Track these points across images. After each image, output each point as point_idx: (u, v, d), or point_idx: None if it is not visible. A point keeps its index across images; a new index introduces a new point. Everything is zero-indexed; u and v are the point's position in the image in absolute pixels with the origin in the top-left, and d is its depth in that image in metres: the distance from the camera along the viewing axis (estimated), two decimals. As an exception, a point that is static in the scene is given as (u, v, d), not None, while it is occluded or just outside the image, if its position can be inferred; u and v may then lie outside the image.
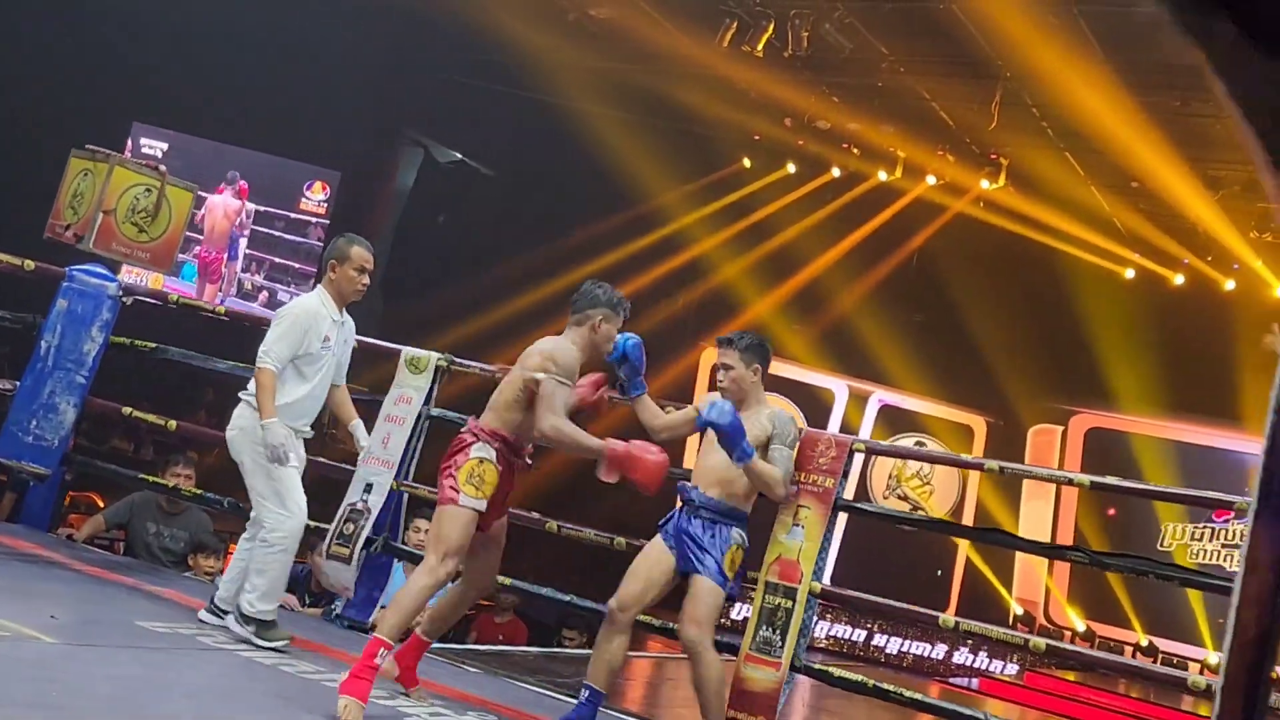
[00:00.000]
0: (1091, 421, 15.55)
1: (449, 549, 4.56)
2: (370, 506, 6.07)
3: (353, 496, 6.18)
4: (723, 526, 4.89)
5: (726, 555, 4.84)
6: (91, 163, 6.95)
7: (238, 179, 15.85)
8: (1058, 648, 5.58)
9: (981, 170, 13.80)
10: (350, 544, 6.04)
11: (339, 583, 6.11)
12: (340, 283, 5.41)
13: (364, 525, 6.07)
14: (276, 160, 15.84)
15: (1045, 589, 15.37)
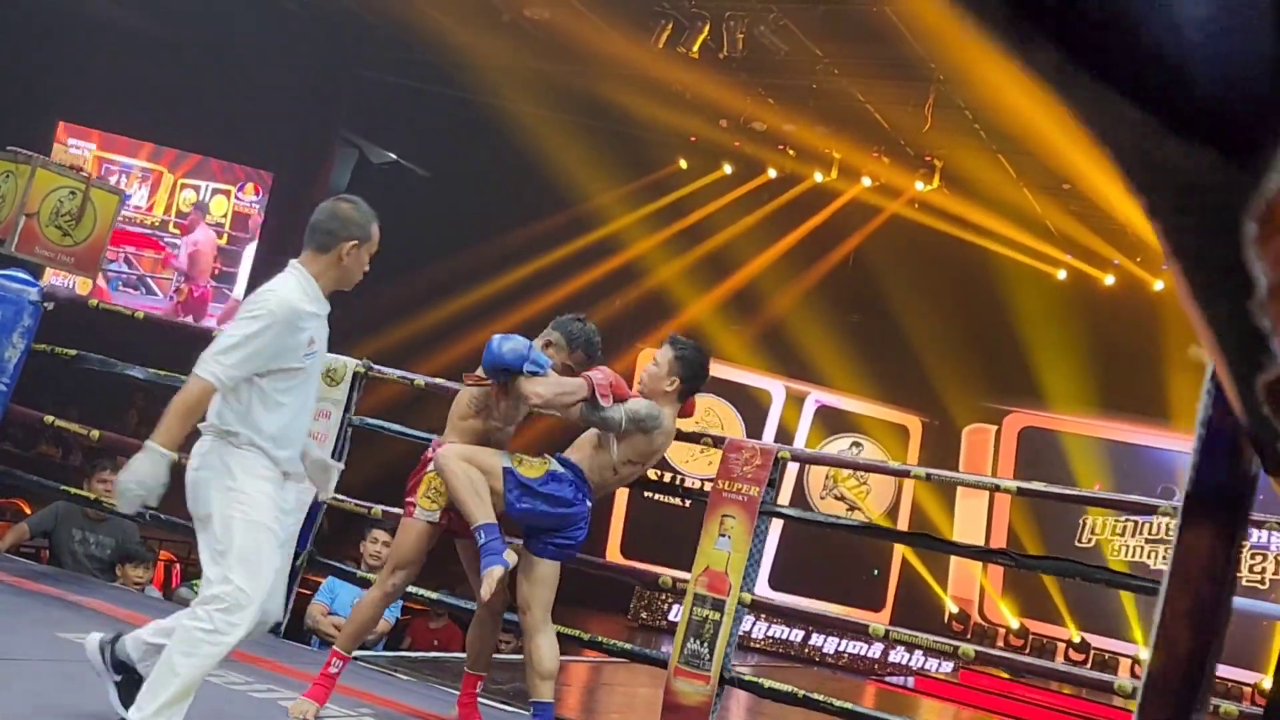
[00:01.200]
0: (1025, 421, 15.72)
1: (398, 561, 4.77)
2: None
3: None
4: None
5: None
6: (13, 164, 6.81)
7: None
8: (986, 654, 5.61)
9: (916, 172, 13.90)
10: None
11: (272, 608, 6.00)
12: (350, 267, 4.14)
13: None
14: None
15: (980, 587, 15.50)
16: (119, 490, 3.67)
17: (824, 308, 15.46)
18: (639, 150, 15.14)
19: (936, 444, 15.41)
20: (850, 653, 14.44)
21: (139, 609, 5.89)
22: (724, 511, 5.37)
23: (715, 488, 5.44)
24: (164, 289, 15.64)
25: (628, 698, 7.98)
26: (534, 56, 13.23)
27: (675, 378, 4.84)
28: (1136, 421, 14.85)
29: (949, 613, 15.29)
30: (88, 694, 4.23)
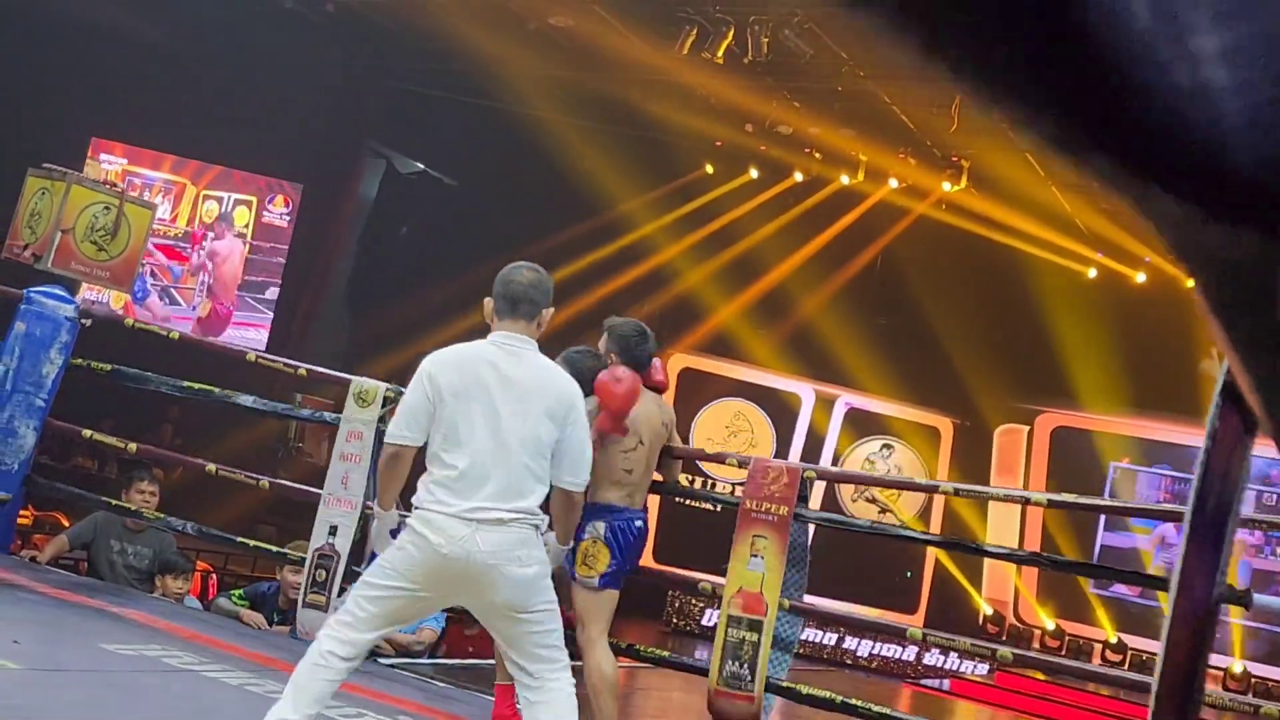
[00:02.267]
0: (1057, 420, 15.64)
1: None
2: (338, 550, 5.98)
3: (318, 541, 6.10)
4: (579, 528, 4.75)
5: (577, 554, 4.84)
6: (49, 181, 6.89)
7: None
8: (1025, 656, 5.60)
9: (943, 173, 13.87)
10: (325, 591, 5.96)
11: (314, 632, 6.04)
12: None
13: (336, 570, 6.00)
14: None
15: (1014, 589, 15.43)
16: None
17: (853, 310, 15.43)
18: (665, 156, 15.16)
19: (968, 445, 15.34)
20: (884, 656, 14.40)
21: (180, 620, 5.95)
22: (755, 532, 5.35)
23: (744, 508, 5.44)
24: (188, 299, 15.76)
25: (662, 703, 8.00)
26: (559, 64, 13.27)
27: (612, 354, 5.02)
28: (1170, 419, 14.76)
29: (983, 615, 15.22)
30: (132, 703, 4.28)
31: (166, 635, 5.57)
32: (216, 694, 4.69)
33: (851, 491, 15.84)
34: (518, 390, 3.72)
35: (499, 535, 3.62)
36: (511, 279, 3.96)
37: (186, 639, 5.50)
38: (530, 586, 3.68)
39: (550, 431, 3.72)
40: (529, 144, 14.16)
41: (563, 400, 3.77)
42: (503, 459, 3.66)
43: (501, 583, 3.62)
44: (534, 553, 3.69)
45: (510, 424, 3.68)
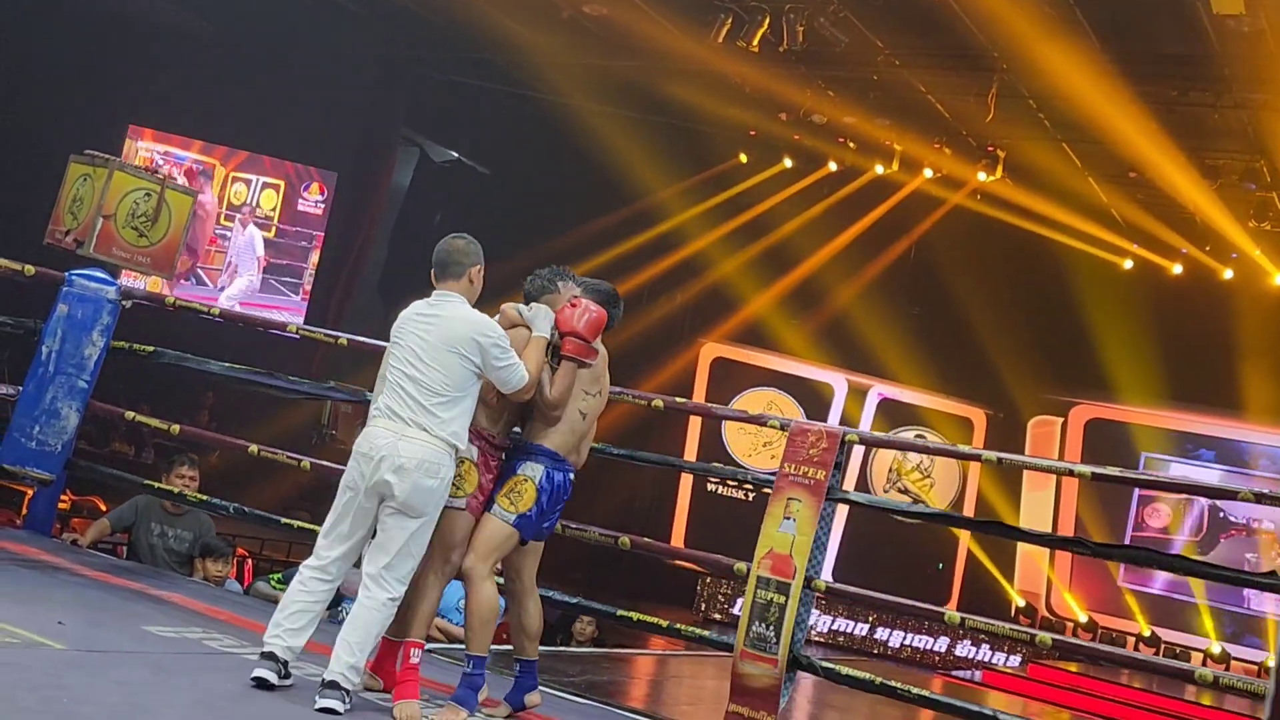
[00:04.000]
0: (1091, 412, 15.56)
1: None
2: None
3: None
4: (516, 462, 4.78)
5: (505, 485, 4.73)
6: (90, 168, 6.94)
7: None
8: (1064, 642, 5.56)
9: (978, 163, 13.81)
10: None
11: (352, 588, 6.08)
12: (472, 296, 4.84)
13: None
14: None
15: (1047, 580, 15.38)
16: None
17: (886, 300, 15.39)
18: (699, 145, 15.14)
19: (1001, 437, 15.28)
20: (915, 646, 14.39)
21: (220, 603, 5.99)
22: (790, 495, 5.35)
23: (781, 471, 5.42)
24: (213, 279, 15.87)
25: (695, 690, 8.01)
26: (593, 53, 13.26)
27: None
28: (1206, 411, 14.67)
29: (1016, 606, 15.18)
30: (175, 684, 4.32)
31: (207, 618, 5.62)
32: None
33: (884, 482, 15.82)
34: (436, 332, 4.60)
35: (414, 449, 4.47)
36: (441, 247, 4.82)
37: (226, 622, 5.54)
38: (428, 495, 4.47)
39: (463, 362, 4.55)
40: (563, 133, 14.16)
41: (469, 336, 4.57)
42: (416, 389, 4.54)
43: (405, 485, 4.44)
44: (442, 469, 4.49)
45: (426, 360, 4.56)
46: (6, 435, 6.73)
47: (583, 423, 4.82)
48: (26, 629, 4.56)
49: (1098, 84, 10.97)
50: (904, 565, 14.25)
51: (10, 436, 6.72)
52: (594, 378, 4.86)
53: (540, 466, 4.73)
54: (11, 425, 6.73)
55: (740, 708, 5.29)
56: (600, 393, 4.90)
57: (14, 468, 6.78)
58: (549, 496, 4.73)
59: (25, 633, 4.51)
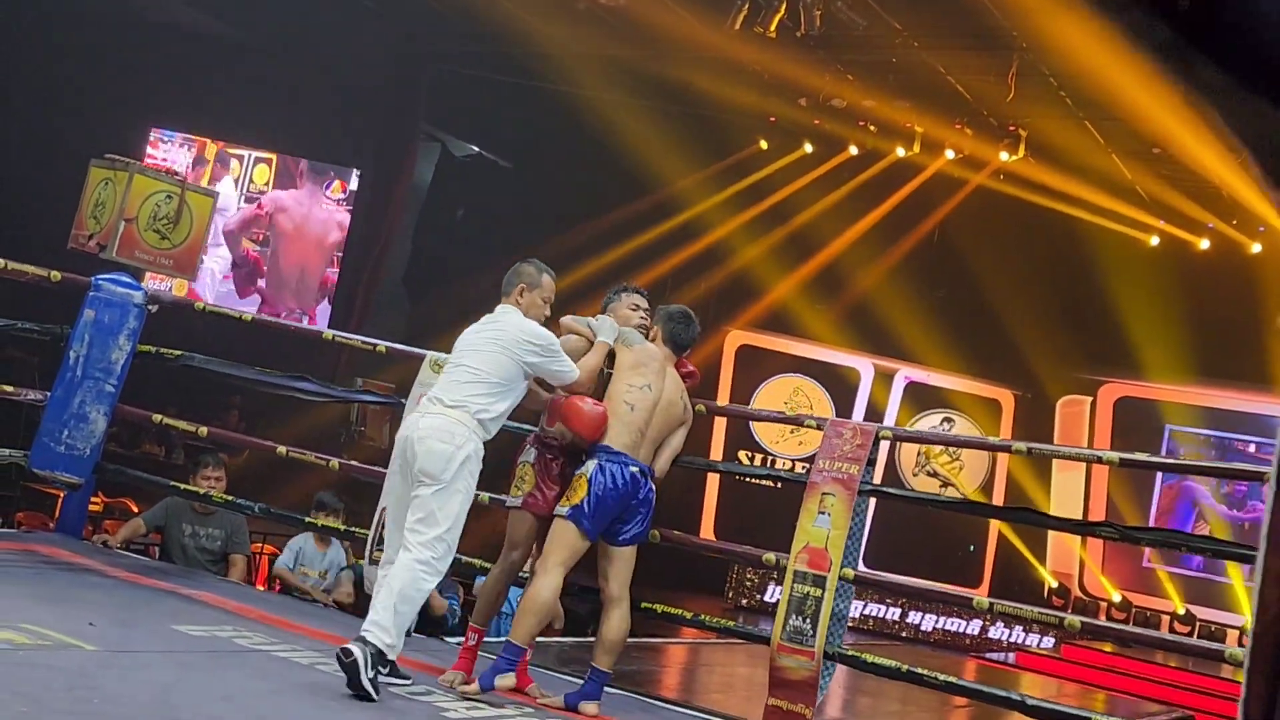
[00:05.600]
0: (1120, 391, 15.46)
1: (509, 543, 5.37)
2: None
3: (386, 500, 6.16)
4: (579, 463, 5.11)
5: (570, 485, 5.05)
6: (111, 171, 6.98)
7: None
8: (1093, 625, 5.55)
9: (1000, 142, 13.73)
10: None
11: None
12: (527, 309, 5.21)
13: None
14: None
15: (1079, 561, 15.31)
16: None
17: (910, 283, 15.33)
18: (719, 133, 15.10)
19: (1030, 417, 15.20)
20: (948, 630, 14.35)
21: (250, 601, 6.03)
22: (824, 490, 5.42)
23: (816, 466, 5.50)
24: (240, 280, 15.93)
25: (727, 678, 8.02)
26: (610, 43, 13.25)
27: (655, 328, 5.45)
28: (1236, 387, 14.56)
29: (1048, 587, 15.11)
30: (205, 682, 4.35)
31: (237, 616, 5.66)
32: (288, 673, 4.76)
33: (912, 466, 15.77)
34: (488, 333, 5.08)
35: (432, 420, 4.85)
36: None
37: (256, 620, 5.58)
38: (440, 459, 4.76)
39: (509, 359, 4.97)
40: (582, 124, 14.16)
41: (517, 338, 5.00)
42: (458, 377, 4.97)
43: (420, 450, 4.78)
44: (457, 437, 4.79)
45: (471, 357, 5.01)
46: (36, 440, 6.80)
47: (632, 414, 4.99)
48: (58, 630, 4.60)
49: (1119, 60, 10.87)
50: (935, 548, 14.21)
51: (40, 441, 6.78)
52: (637, 368, 5.09)
53: (593, 461, 4.95)
54: (41, 430, 6.79)
55: (779, 700, 5.33)
56: (648, 387, 5.09)
57: (44, 472, 6.85)
58: (604, 490, 4.89)
59: (57, 634, 4.55)
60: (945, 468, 15.86)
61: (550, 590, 4.88)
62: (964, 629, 14.32)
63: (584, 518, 4.89)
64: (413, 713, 4.52)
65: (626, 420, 4.99)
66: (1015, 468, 15.43)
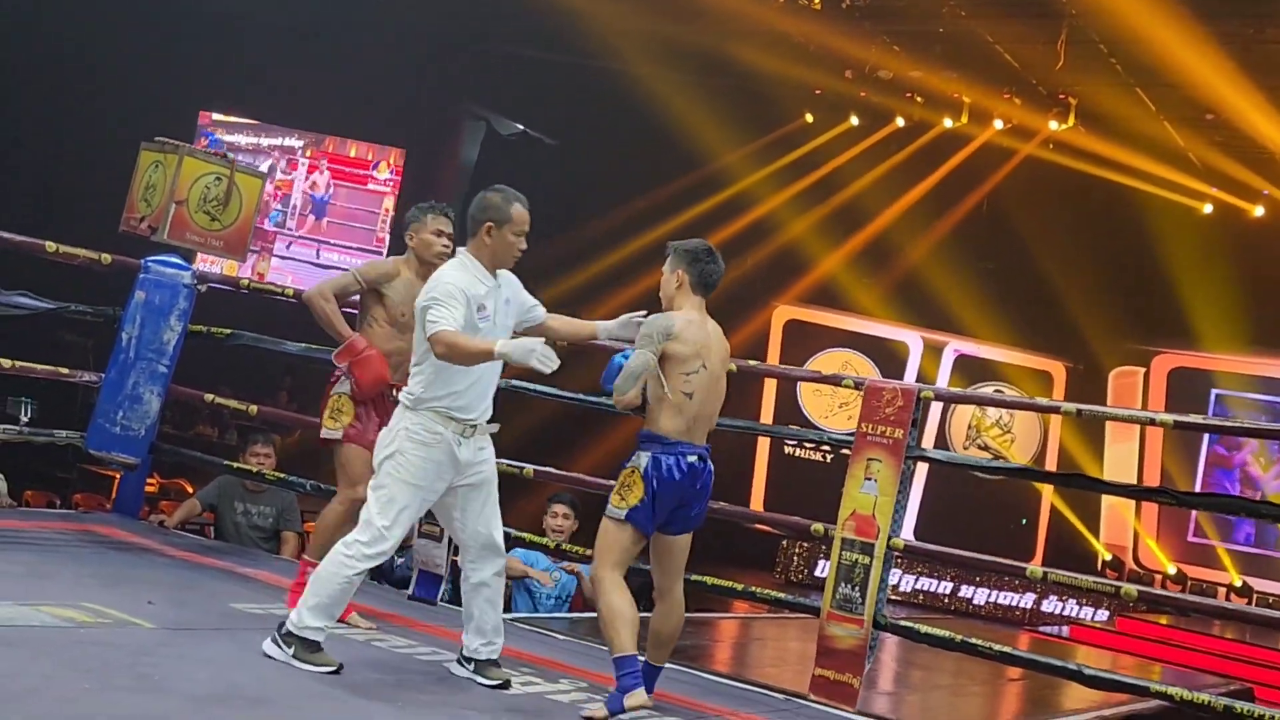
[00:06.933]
0: (1174, 361, 15.27)
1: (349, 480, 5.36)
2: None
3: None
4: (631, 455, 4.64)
5: (616, 483, 4.61)
6: (161, 154, 7.03)
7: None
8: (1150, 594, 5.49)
9: (1050, 111, 13.58)
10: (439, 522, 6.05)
11: (430, 560, 6.15)
12: (496, 248, 4.67)
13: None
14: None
15: (1134, 532, 15.17)
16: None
17: (959, 255, 15.20)
18: (764, 106, 15.01)
19: (1082, 389, 15.05)
20: (1000, 603, 14.28)
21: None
22: (869, 455, 5.36)
23: (859, 431, 5.43)
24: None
25: (779, 652, 8.00)
26: (654, 17, 13.19)
27: (679, 272, 4.70)
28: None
29: (1102, 560, 14.99)
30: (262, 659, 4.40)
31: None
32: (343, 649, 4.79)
33: (963, 439, 15.69)
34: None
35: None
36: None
37: (311, 597, 5.62)
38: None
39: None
40: (627, 100, 14.12)
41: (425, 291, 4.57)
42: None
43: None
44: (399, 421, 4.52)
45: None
46: (91, 422, 6.88)
47: (690, 401, 4.53)
48: (117, 609, 4.67)
49: (1170, 25, 10.72)
50: (986, 522, 14.11)
51: (96, 423, 6.86)
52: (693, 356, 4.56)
53: (646, 454, 4.54)
54: (96, 411, 6.88)
55: (826, 670, 5.31)
56: (703, 368, 4.58)
57: (100, 453, 6.94)
58: (661, 485, 4.50)
59: (116, 613, 4.62)
60: (996, 440, 15.76)
61: (625, 595, 4.51)
62: (1017, 602, 14.24)
63: (644, 519, 4.53)
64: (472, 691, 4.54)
65: (683, 408, 4.54)
66: (1068, 440, 15.30)
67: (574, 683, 4.87)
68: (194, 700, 3.73)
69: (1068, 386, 15.44)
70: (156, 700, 3.66)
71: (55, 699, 3.49)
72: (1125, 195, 14.32)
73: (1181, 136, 13.63)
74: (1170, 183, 14.31)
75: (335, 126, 15.91)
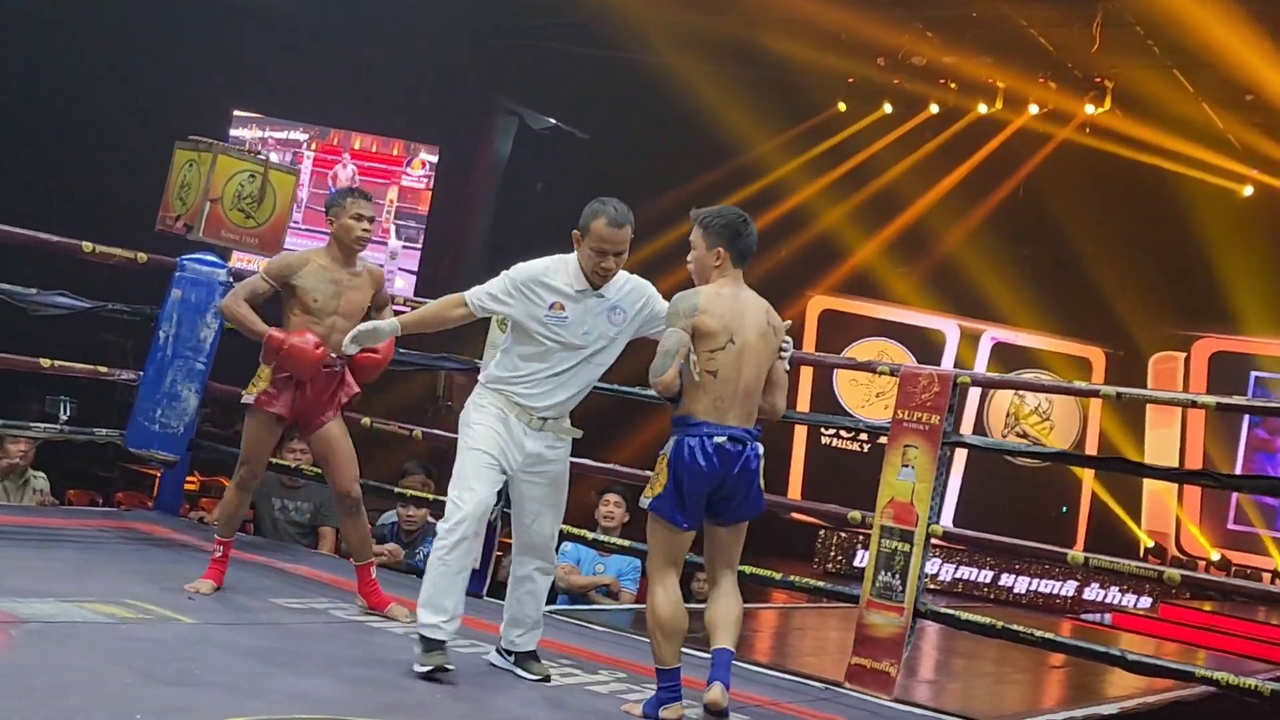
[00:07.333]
0: (1215, 346, 15.12)
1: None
2: None
3: None
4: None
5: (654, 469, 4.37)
6: (195, 153, 7.07)
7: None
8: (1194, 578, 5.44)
9: (1086, 95, 13.46)
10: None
11: None
12: (581, 258, 4.69)
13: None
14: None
15: (1176, 519, 15.03)
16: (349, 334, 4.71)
17: (995, 242, 15.11)
18: (796, 96, 14.94)
19: (1122, 375, 14.93)
20: (1041, 591, 14.19)
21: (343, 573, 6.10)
22: (906, 442, 5.34)
23: (896, 418, 5.41)
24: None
25: (819, 641, 7.99)
26: (684, 9, 13.15)
27: (719, 249, 4.42)
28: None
29: (1144, 547, 14.87)
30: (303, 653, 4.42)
31: (332, 588, 5.74)
32: (384, 642, 4.82)
33: (1001, 427, 15.60)
34: None
35: None
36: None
37: (351, 591, 5.64)
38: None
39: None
40: (658, 92, 14.09)
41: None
42: None
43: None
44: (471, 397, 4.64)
45: None
46: (131, 420, 6.94)
47: (715, 380, 4.22)
48: (159, 605, 4.70)
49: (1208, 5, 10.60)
50: (1026, 510, 14.02)
51: (135, 421, 6.92)
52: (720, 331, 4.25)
53: (672, 440, 4.30)
54: (135, 410, 6.93)
55: (864, 659, 5.29)
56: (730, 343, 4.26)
57: (140, 450, 6.99)
58: (685, 470, 4.21)
59: (157, 608, 4.65)
60: (1035, 428, 15.67)
61: (665, 600, 4.25)
62: (1058, 590, 14.15)
63: (670, 509, 4.25)
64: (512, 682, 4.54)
65: (708, 388, 4.24)
66: (1108, 426, 15.18)
67: (613, 673, 4.87)
68: (234, 694, 3.75)
69: (1107, 373, 15.32)
70: (197, 694, 3.68)
71: (98, 694, 3.51)
72: (1163, 179, 14.18)
73: (1220, 118, 13.48)
74: (1209, 165, 14.15)
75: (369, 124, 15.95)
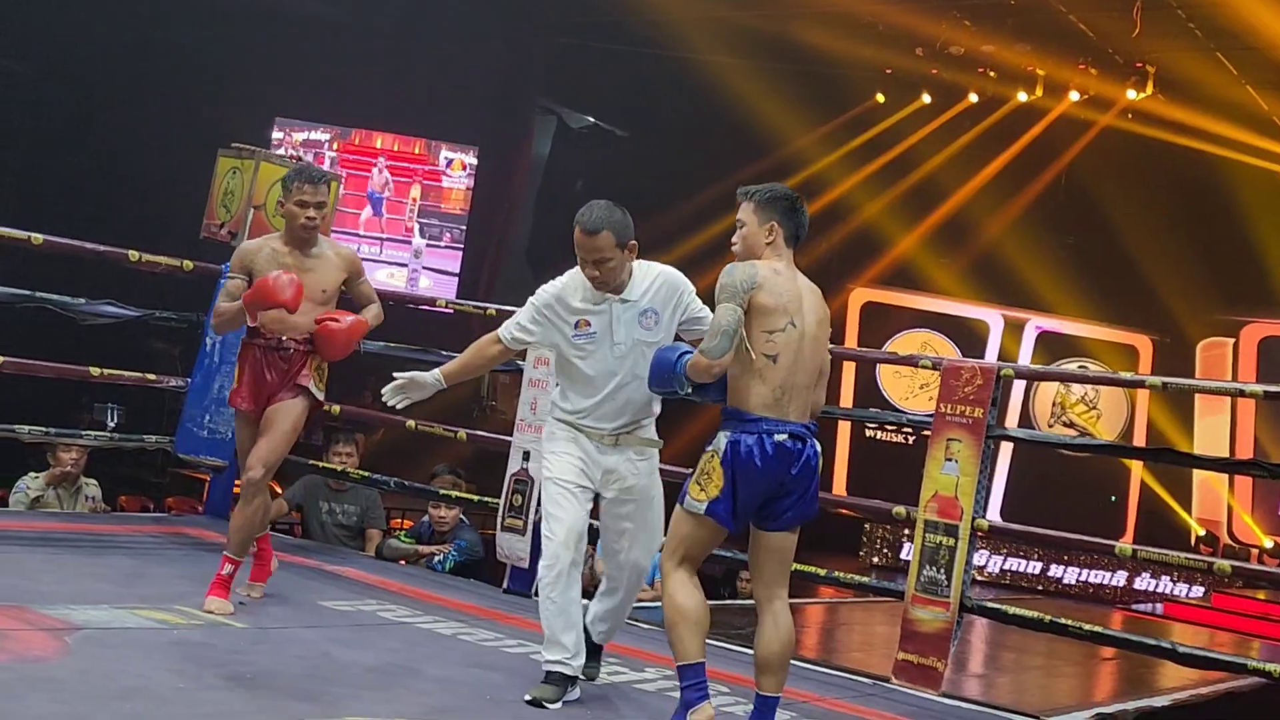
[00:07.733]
0: (1264, 331, 14.94)
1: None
2: (532, 475, 6.09)
3: (514, 466, 6.22)
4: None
5: (695, 470, 3.93)
6: (238, 160, 7.12)
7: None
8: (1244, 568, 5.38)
9: (1127, 80, 13.35)
10: (522, 514, 6.09)
11: (513, 554, 6.18)
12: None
13: (531, 493, 6.11)
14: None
15: (1227, 507, 14.87)
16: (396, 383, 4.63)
17: (1038, 231, 15.02)
18: (835, 88, 14.91)
19: (1169, 362, 14.79)
20: (1091, 582, 14.09)
21: (391, 575, 6.16)
22: (949, 436, 5.30)
23: (938, 412, 5.38)
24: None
25: (866, 636, 7.97)
26: (721, 5, 13.15)
27: (772, 224, 3.99)
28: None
29: (1195, 536, 14.73)
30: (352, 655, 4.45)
31: (380, 590, 5.78)
32: (432, 643, 4.84)
33: (1048, 417, 15.48)
34: None
35: None
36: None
37: (398, 593, 5.68)
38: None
39: None
40: (696, 89, 14.10)
41: None
42: None
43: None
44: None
45: None
46: (180, 426, 7.01)
47: (775, 366, 3.81)
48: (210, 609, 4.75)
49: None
50: (1074, 501, 13.92)
51: (184, 427, 6.98)
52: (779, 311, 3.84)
53: (723, 436, 3.85)
54: (184, 416, 7.00)
55: (910, 655, 5.26)
56: (790, 325, 3.84)
57: (189, 456, 7.06)
58: (741, 471, 3.79)
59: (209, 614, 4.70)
60: (1082, 417, 15.54)
61: (684, 589, 3.87)
62: (1108, 581, 14.03)
63: (724, 514, 3.82)
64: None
65: (766, 375, 3.81)
66: (1156, 414, 15.04)
67: (659, 671, 4.88)
68: (286, 696, 3.79)
69: (1154, 360, 15.18)
70: (249, 698, 3.72)
71: (151, 699, 3.56)
72: (1208, 163, 14.03)
73: (1265, 100, 13.32)
74: (1254, 148, 13.99)
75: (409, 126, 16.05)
